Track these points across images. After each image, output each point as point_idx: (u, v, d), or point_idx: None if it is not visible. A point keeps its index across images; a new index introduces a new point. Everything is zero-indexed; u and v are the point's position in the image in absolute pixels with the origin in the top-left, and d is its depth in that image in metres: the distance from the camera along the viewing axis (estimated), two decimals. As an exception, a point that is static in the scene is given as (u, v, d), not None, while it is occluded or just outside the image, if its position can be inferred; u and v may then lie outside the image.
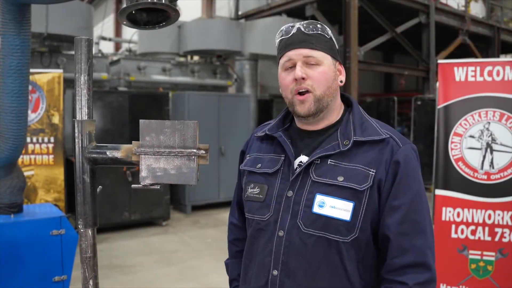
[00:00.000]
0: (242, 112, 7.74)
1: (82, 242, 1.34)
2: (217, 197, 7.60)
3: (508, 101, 3.79)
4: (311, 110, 1.26)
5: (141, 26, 1.57)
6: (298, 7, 9.07)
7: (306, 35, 1.27)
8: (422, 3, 9.09)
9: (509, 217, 3.66)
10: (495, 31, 10.82)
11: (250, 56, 9.35)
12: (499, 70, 3.82)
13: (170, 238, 5.88)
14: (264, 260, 1.29)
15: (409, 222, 1.20)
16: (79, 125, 1.30)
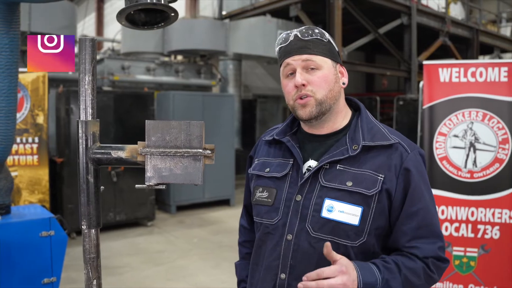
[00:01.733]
0: (226, 112, 7.75)
1: (85, 242, 1.34)
2: (202, 196, 7.59)
3: (491, 101, 3.89)
4: (312, 113, 1.28)
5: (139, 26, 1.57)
6: (282, 8, 9.11)
7: (303, 41, 1.28)
8: (404, 4, 9.22)
9: (491, 214, 3.76)
10: (474, 33, 11.03)
11: (234, 56, 9.36)
12: (482, 71, 3.91)
13: (156, 239, 5.85)
14: (272, 264, 1.30)
15: (425, 227, 1.25)
16: (83, 126, 1.31)
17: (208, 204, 7.75)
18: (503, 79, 3.86)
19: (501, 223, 3.73)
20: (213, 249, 5.47)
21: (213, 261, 5.00)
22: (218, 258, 5.12)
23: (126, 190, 6.07)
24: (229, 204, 7.95)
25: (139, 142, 1.28)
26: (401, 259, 1.22)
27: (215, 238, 5.94)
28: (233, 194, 8.03)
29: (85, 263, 1.35)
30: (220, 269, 4.76)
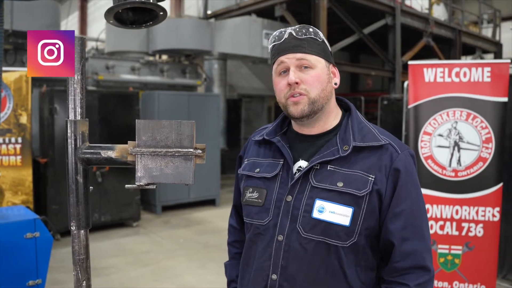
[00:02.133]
0: (212, 111, 7.73)
1: (75, 244, 1.32)
2: (188, 197, 7.57)
3: (474, 101, 3.94)
4: (304, 111, 1.27)
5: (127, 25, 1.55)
6: (267, 7, 9.12)
7: (298, 40, 1.27)
8: (388, 5, 9.31)
9: (475, 212, 3.81)
10: (457, 34, 11.19)
11: (219, 56, 9.34)
12: (466, 72, 3.96)
13: (142, 239, 5.81)
14: (263, 265, 1.30)
15: (410, 227, 1.24)
16: (72, 125, 1.28)
17: (193, 204, 7.72)
18: (486, 79, 3.92)
19: (484, 221, 3.79)
20: (199, 249, 5.45)
21: (199, 262, 4.98)
22: (204, 258, 5.10)
23: (111, 191, 6.01)
24: (215, 204, 7.93)
25: (129, 141, 1.26)
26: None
27: (201, 238, 5.92)
28: (218, 194, 8.02)
29: (74, 265, 1.33)
30: (207, 269, 4.75)
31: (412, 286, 1.22)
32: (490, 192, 3.92)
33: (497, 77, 3.90)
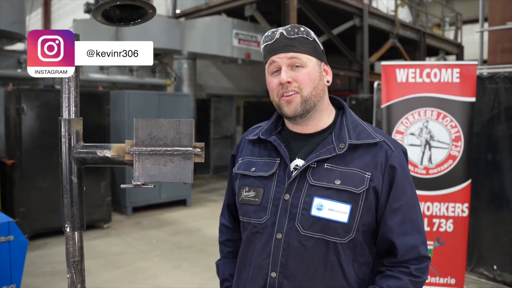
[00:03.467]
0: (182, 111, 7.66)
1: (69, 245, 1.30)
2: (159, 197, 7.48)
3: (444, 101, 4.06)
4: (297, 110, 1.28)
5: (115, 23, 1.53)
6: (237, 7, 9.12)
7: (289, 39, 1.29)
8: (356, 7, 9.47)
9: (445, 208, 3.94)
10: (421, 35, 11.50)
11: (189, 55, 9.28)
12: (436, 73, 4.08)
13: (114, 241, 5.71)
14: (262, 263, 1.30)
15: (409, 222, 1.28)
16: (66, 124, 1.26)
17: (164, 204, 7.64)
18: (456, 80, 4.05)
19: (454, 217, 3.92)
20: (172, 250, 5.40)
21: (173, 262, 4.93)
22: (179, 259, 5.06)
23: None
24: (186, 204, 7.87)
25: (126, 140, 1.24)
26: (387, 284, 1.26)
27: (174, 239, 5.86)
28: (189, 194, 7.96)
29: (68, 267, 1.30)
30: (182, 270, 4.71)
31: (413, 269, 1.27)
32: (459, 189, 4.06)
33: (465, 78, 4.04)
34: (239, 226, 1.56)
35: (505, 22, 4.82)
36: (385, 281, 1.26)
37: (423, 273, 1.28)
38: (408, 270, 1.26)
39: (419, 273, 1.27)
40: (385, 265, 1.31)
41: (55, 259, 4.93)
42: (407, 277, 1.26)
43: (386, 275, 1.28)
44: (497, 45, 4.97)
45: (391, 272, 1.28)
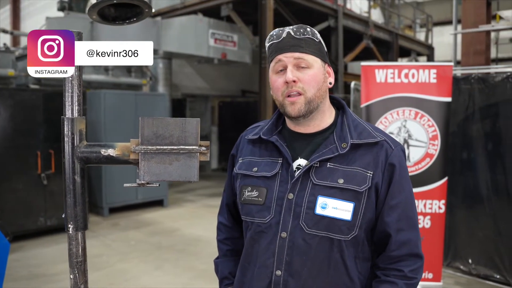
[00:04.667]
0: (159, 111, 7.60)
1: (72, 246, 1.29)
2: (135, 198, 7.41)
3: (422, 101, 4.17)
4: (301, 111, 1.30)
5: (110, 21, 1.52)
6: (213, 7, 9.10)
7: (296, 39, 1.30)
8: (331, 8, 9.59)
9: (423, 205, 4.04)
10: (394, 37, 11.72)
11: (164, 55, 9.20)
12: (414, 73, 4.18)
13: (91, 243, 5.61)
14: (267, 262, 1.32)
15: (405, 219, 1.32)
16: (69, 123, 1.25)
17: (141, 205, 7.57)
18: (433, 80, 4.16)
19: (432, 213, 4.03)
20: (152, 251, 5.35)
21: (154, 263, 4.90)
22: (159, 259, 5.03)
23: (58, 193, 5.76)
24: (163, 204, 7.82)
25: (132, 139, 1.24)
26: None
27: (153, 240, 5.81)
28: (166, 194, 7.91)
29: (71, 268, 1.29)
30: (163, 271, 4.68)
31: (406, 272, 1.30)
32: (436, 186, 4.17)
33: (442, 79, 4.15)
34: (238, 225, 1.58)
35: (477, 25, 4.98)
36: (380, 287, 1.30)
37: (416, 274, 1.32)
38: (402, 273, 1.30)
39: (413, 274, 1.31)
40: (380, 267, 1.34)
41: (32, 262, 4.82)
42: (402, 280, 1.30)
43: (381, 280, 1.31)
44: (470, 47, 5.13)
45: (386, 278, 1.31)
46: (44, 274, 4.46)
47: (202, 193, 9.30)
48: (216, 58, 9.34)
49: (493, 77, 4.19)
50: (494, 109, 4.23)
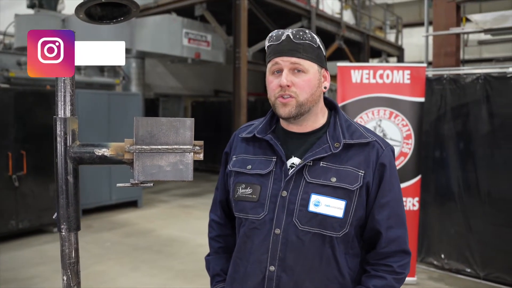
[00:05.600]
0: (132, 111, 7.52)
1: (65, 247, 1.28)
2: (109, 199, 7.31)
3: (396, 101, 4.27)
4: (291, 113, 1.33)
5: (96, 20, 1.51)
6: (187, 6, 9.07)
7: (294, 44, 1.31)
8: (304, 8, 9.69)
9: (397, 203, 4.13)
10: (365, 38, 11.93)
11: (137, 54, 9.10)
12: (388, 74, 4.28)
13: (65, 245, 5.51)
14: (261, 257, 1.35)
15: (394, 216, 1.36)
16: (62, 123, 1.24)
17: (115, 206, 7.48)
18: (406, 81, 4.26)
19: (406, 210, 4.12)
20: (128, 252, 5.30)
21: (131, 264, 4.85)
22: (136, 261, 4.98)
23: (30, 195, 5.62)
24: (137, 205, 7.74)
25: (126, 139, 1.24)
26: (372, 284, 1.34)
27: (129, 241, 5.75)
28: (140, 195, 7.83)
29: (64, 269, 1.28)
30: (140, 272, 4.64)
31: (395, 267, 1.35)
32: (410, 184, 4.28)
33: (415, 80, 4.26)
34: (230, 223, 1.60)
35: (448, 28, 5.13)
36: (371, 281, 1.34)
37: (404, 269, 1.37)
38: (391, 268, 1.35)
39: (401, 269, 1.36)
40: (370, 263, 1.39)
41: (4, 266, 4.70)
42: (391, 275, 1.35)
43: (371, 275, 1.36)
44: (441, 49, 5.28)
45: (376, 272, 1.36)
46: (16, 278, 4.35)
47: (176, 193, 9.25)
48: (190, 58, 9.30)
49: (464, 78, 4.33)
50: (465, 109, 4.37)
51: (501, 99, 4.19)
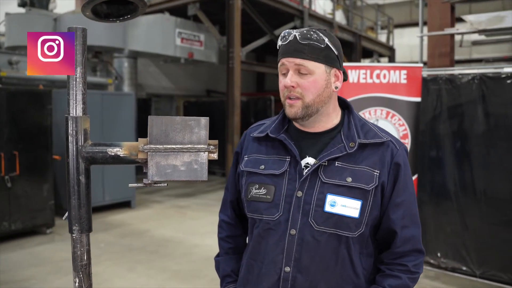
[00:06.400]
0: (125, 111, 7.47)
1: (77, 249, 1.25)
2: (102, 199, 7.24)
3: (393, 100, 4.29)
4: (298, 114, 1.32)
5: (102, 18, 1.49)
6: (180, 6, 9.04)
7: (300, 44, 1.29)
8: (297, 9, 9.70)
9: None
10: (357, 38, 11.97)
11: (130, 54, 9.04)
12: (385, 74, 4.29)
13: (59, 246, 5.45)
14: (276, 258, 1.34)
15: (409, 216, 1.37)
16: (73, 122, 1.22)
17: (108, 207, 7.42)
18: (403, 81, 4.28)
19: (403, 210, 4.13)
20: (123, 252, 5.25)
21: (126, 265, 4.81)
22: (132, 261, 4.94)
23: (23, 196, 5.55)
24: (130, 206, 7.69)
25: (140, 139, 1.22)
26: (388, 283, 1.34)
27: (124, 242, 5.71)
28: (134, 195, 7.78)
29: (76, 271, 1.25)
30: (136, 273, 4.60)
31: (410, 267, 1.35)
32: (407, 184, 4.29)
33: (412, 80, 4.28)
34: (240, 223, 1.59)
35: (443, 28, 5.16)
36: (386, 281, 1.34)
37: (419, 268, 1.37)
38: (406, 268, 1.35)
39: (416, 269, 1.36)
40: (385, 262, 1.38)
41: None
42: (406, 274, 1.35)
43: (386, 274, 1.36)
44: (435, 49, 5.30)
45: (391, 272, 1.36)
46: (12, 280, 4.29)
47: (169, 194, 9.20)
48: (183, 58, 9.26)
49: (460, 78, 4.36)
50: (460, 109, 4.40)
51: (496, 99, 4.22)
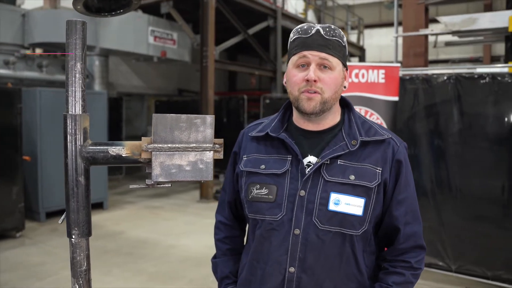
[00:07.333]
0: (97, 110, 7.28)
1: (76, 254, 1.19)
2: (74, 202, 7.03)
3: (371, 100, 4.32)
4: (316, 108, 1.30)
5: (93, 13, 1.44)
6: (153, 4, 8.90)
7: (325, 39, 1.29)
8: (270, 8, 9.70)
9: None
10: (329, 38, 12.06)
11: (101, 52, 8.84)
12: (364, 73, 4.33)
13: (31, 250, 5.27)
14: (280, 259, 1.32)
15: (411, 212, 1.37)
16: (73, 120, 1.16)
17: (80, 209, 7.21)
18: (381, 80, 4.32)
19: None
20: (98, 255, 5.12)
21: (102, 268, 4.69)
22: (107, 264, 4.82)
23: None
24: (103, 207, 7.52)
25: (143, 138, 1.17)
26: (392, 280, 1.34)
27: (97, 244, 5.56)
28: (106, 196, 7.61)
29: (75, 277, 1.19)
30: (113, 276, 4.49)
31: (413, 263, 1.36)
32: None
33: (390, 79, 4.33)
34: (238, 224, 1.56)
35: (417, 29, 5.25)
36: (390, 278, 1.34)
37: (421, 265, 1.38)
38: (409, 264, 1.35)
39: (418, 265, 1.36)
40: (387, 259, 1.38)
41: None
42: (409, 271, 1.35)
43: (389, 271, 1.36)
44: (410, 49, 5.39)
45: (394, 269, 1.36)
46: (-17, 286, 4.12)
47: (142, 194, 9.06)
48: (156, 56, 9.13)
49: (436, 78, 4.44)
50: (436, 108, 4.48)
51: (471, 99, 4.32)
